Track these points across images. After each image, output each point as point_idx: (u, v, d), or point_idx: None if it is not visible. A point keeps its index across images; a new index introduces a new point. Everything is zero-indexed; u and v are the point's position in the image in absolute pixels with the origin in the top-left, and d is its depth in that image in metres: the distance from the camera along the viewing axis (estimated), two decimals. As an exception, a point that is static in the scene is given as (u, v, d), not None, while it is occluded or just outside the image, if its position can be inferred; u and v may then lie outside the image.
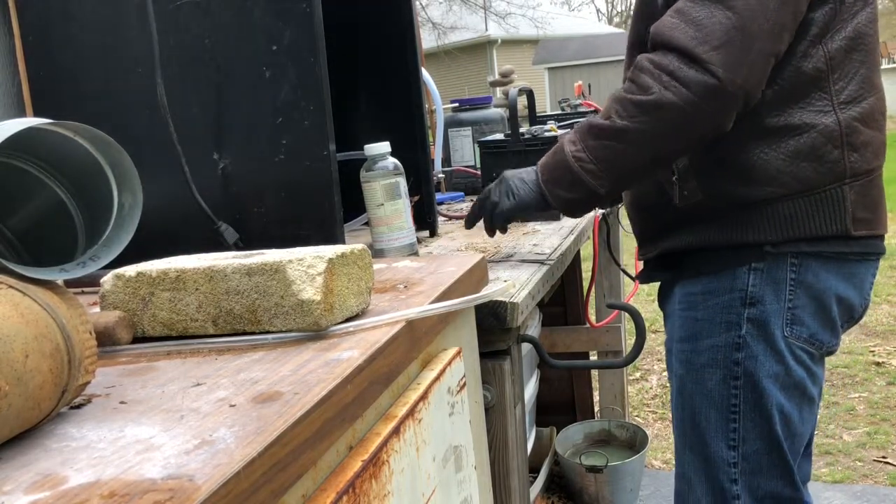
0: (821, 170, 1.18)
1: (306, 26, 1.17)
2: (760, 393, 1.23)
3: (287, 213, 1.22)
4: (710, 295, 1.26)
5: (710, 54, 1.07)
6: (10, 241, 0.80)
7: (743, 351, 1.23)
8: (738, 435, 1.25)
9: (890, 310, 4.19)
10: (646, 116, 1.11)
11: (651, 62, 1.11)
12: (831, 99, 1.18)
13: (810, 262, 1.21)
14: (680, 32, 1.09)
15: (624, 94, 1.13)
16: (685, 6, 1.10)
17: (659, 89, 1.09)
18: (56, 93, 1.31)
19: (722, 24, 1.07)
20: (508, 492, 1.15)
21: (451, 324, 0.96)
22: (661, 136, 1.13)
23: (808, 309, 1.22)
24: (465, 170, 2.35)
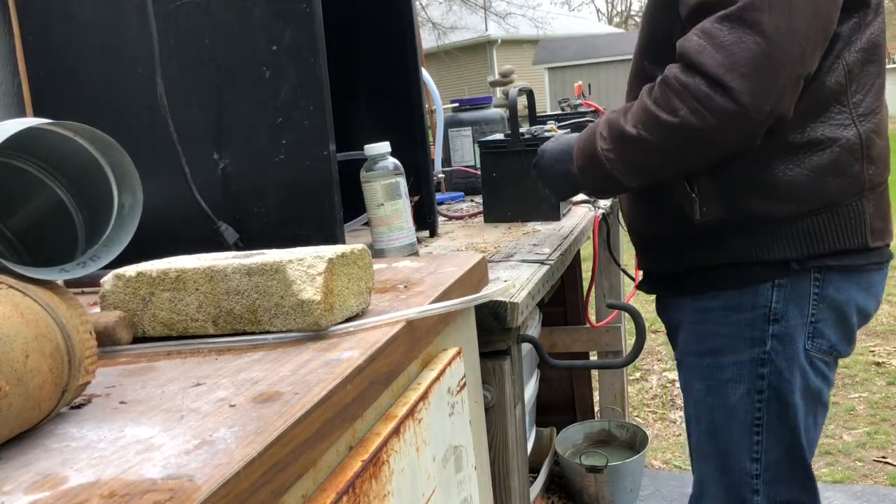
0: (843, 184, 1.18)
1: (306, 26, 1.17)
2: (785, 406, 1.23)
3: (287, 213, 1.22)
4: (732, 311, 1.25)
5: (738, 82, 1.05)
6: (10, 241, 0.80)
7: (767, 366, 1.23)
8: (761, 447, 1.25)
9: (890, 310, 4.19)
10: (671, 137, 1.12)
11: (679, 82, 1.10)
12: (850, 112, 1.18)
13: (832, 276, 1.21)
14: (708, 57, 1.07)
15: (652, 108, 1.13)
16: (713, 28, 1.08)
17: (685, 113, 1.09)
18: (56, 93, 1.31)
19: (751, 51, 1.05)
20: (508, 492, 1.15)
21: (451, 324, 0.96)
22: (685, 154, 1.15)
23: (829, 321, 1.22)
24: (465, 170, 2.35)
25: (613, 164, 1.19)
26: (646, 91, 1.17)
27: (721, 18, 1.07)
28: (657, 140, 1.13)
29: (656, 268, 1.37)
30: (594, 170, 1.23)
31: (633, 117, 1.16)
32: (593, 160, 1.22)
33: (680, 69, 1.11)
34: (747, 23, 1.06)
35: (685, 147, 1.13)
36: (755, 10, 1.05)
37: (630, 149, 1.17)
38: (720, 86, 1.06)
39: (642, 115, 1.15)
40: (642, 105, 1.15)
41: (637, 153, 1.17)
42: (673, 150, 1.14)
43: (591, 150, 1.22)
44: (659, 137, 1.13)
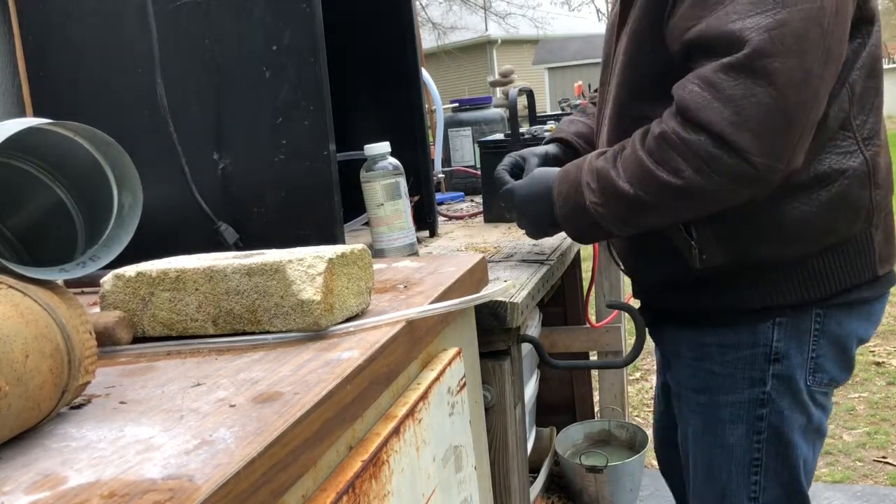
0: (852, 217, 1.11)
1: (306, 26, 1.17)
2: (785, 446, 1.19)
3: (287, 213, 1.22)
4: (730, 349, 1.19)
5: (749, 142, 0.95)
6: (10, 241, 0.80)
7: (767, 406, 1.18)
8: (760, 486, 1.21)
9: (890, 310, 4.19)
10: (672, 198, 1.03)
11: (680, 138, 0.99)
12: (855, 137, 1.10)
13: (834, 312, 1.15)
14: (713, 113, 0.96)
15: (650, 166, 1.03)
16: (717, 78, 0.96)
17: (690, 174, 0.99)
18: (56, 93, 1.31)
19: (762, 105, 0.94)
20: (508, 492, 1.15)
21: (451, 324, 0.96)
22: (686, 213, 1.07)
23: (829, 355, 1.17)
24: (465, 170, 2.35)
25: (603, 217, 1.10)
26: (639, 141, 1.06)
27: (726, 68, 0.96)
28: (656, 200, 1.04)
29: (651, 302, 1.30)
30: (580, 219, 1.14)
31: (627, 172, 1.06)
32: (579, 210, 1.13)
33: (680, 124, 1.00)
34: (756, 72, 0.94)
35: (687, 206, 1.04)
36: (765, 56, 0.94)
37: (623, 205, 1.07)
38: (729, 146, 0.96)
39: (638, 171, 1.04)
40: (637, 160, 1.05)
41: (632, 211, 1.08)
42: (672, 210, 1.06)
43: (578, 200, 1.12)
44: (658, 198, 1.04)
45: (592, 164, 1.12)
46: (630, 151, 1.07)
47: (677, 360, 1.29)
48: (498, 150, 1.75)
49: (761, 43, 0.94)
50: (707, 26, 0.99)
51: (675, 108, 1.01)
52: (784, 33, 0.94)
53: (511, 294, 1.12)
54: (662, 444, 1.56)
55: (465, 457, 0.92)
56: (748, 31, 0.95)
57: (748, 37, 0.95)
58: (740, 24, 0.96)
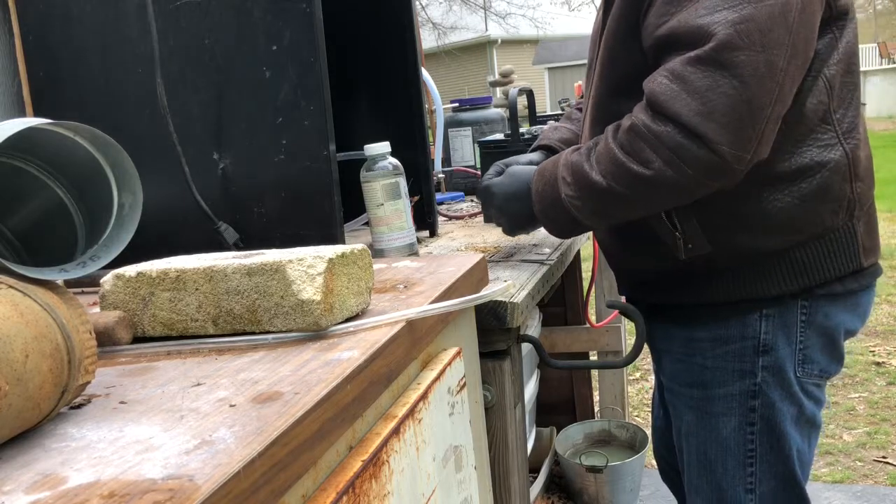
0: (834, 209, 1.13)
1: (306, 26, 1.17)
2: (778, 437, 1.20)
3: (287, 213, 1.22)
4: (720, 342, 1.21)
5: (716, 132, 0.98)
6: (10, 241, 0.80)
7: (759, 398, 1.19)
8: (755, 478, 1.22)
9: (890, 310, 4.19)
10: (643, 189, 1.05)
11: (649, 130, 1.02)
12: (835, 130, 1.12)
13: (820, 303, 1.17)
14: (681, 104, 0.99)
15: (621, 158, 1.05)
16: (684, 71, 0.99)
17: (659, 165, 1.02)
18: (56, 93, 1.31)
19: (728, 97, 0.97)
20: (508, 492, 1.15)
21: (451, 324, 0.96)
22: (658, 203, 1.09)
23: (817, 346, 1.19)
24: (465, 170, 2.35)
25: (580, 211, 1.12)
26: (611, 135, 1.09)
27: (693, 60, 0.99)
28: (628, 192, 1.06)
29: (642, 300, 1.31)
30: (557, 214, 1.16)
31: (599, 165, 1.08)
32: (556, 205, 1.15)
33: (650, 116, 1.02)
34: (723, 65, 0.97)
35: (658, 197, 1.07)
36: (730, 49, 0.97)
37: (597, 198, 1.10)
38: (697, 136, 0.98)
39: (610, 164, 1.07)
40: (609, 153, 1.07)
41: (606, 203, 1.10)
42: (645, 201, 1.08)
43: (554, 194, 1.14)
44: (630, 189, 1.06)
45: (567, 159, 1.14)
46: (603, 145, 1.09)
47: (669, 357, 1.31)
48: (498, 150, 1.76)
49: (727, 36, 0.97)
50: (677, 22, 1.02)
51: (644, 101, 1.04)
52: (750, 28, 0.97)
53: (511, 294, 1.12)
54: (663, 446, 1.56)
55: (465, 457, 0.92)
56: (715, 26, 0.98)
57: (715, 31, 0.98)
58: (708, 18, 0.99)
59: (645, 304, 1.28)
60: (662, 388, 1.45)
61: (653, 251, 1.20)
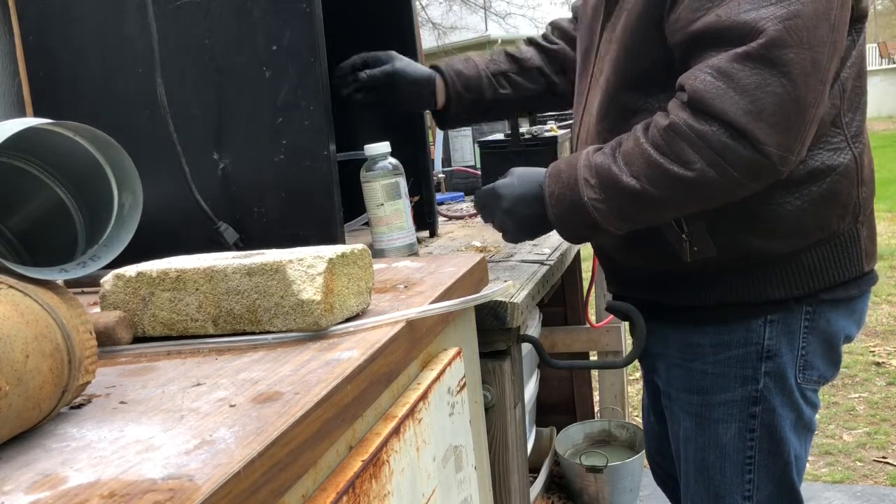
0: (841, 213, 1.12)
1: (306, 26, 1.17)
2: (777, 442, 1.19)
3: (287, 213, 1.22)
4: (722, 347, 1.18)
5: (765, 133, 0.94)
6: (10, 241, 0.80)
7: (760, 405, 1.18)
8: (753, 485, 1.21)
9: (890, 310, 4.19)
10: (682, 191, 1.01)
11: (692, 129, 0.98)
12: (845, 134, 1.11)
13: (823, 309, 1.16)
14: (729, 102, 0.95)
15: (658, 159, 1.01)
16: (731, 68, 0.95)
17: (702, 166, 0.98)
18: (56, 93, 1.31)
19: (776, 95, 0.94)
20: (508, 492, 1.15)
21: (451, 324, 0.96)
22: (693, 206, 1.06)
23: (817, 352, 1.18)
24: (465, 170, 2.35)
25: (604, 215, 1.07)
26: (642, 135, 1.04)
27: (741, 57, 0.95)
28: (665, 194, 1.02)
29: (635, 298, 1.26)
30: (577, 219, 1.10)
31: (631, 166, 1.03)
32: (577, 209, 1.09)
33: (692, 115, 0.98)
34: (772, 62, 0.94)
35: (695, 199, 1.03)
36: (781, 46, 0.93)
37: (628, 202, 1.05)
38: (744, 136, 0.95)
39: (645, 166, 1.02)
40: (643, 153, 1.02)
41: (637, 206, 1.05)
42: (680, 203, 1.05)
43: (574, 198, 1.09)
44: (668, 192, 1.02)
45: (590, 160, 1.09)
46: (632, 145, 1.04)
47: (665, 362, 1.28)
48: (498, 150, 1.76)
49: (777, 33, 0.94)
50: (718, 17, 0.98)
51: (685, 99, 0.99)
52: (798, 24, 0.94)
53: (511, 294, 1.12)
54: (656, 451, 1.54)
55: (465, 457, 0.92)
56: (763, 21, 0.94)
57: (764, 26, 0.94)
58: (754, 13, 0.95)
59: (639, 303, 1.25)
60: (653, 392, 1.45)
61: (654, 252, 1.18)
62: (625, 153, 1.05)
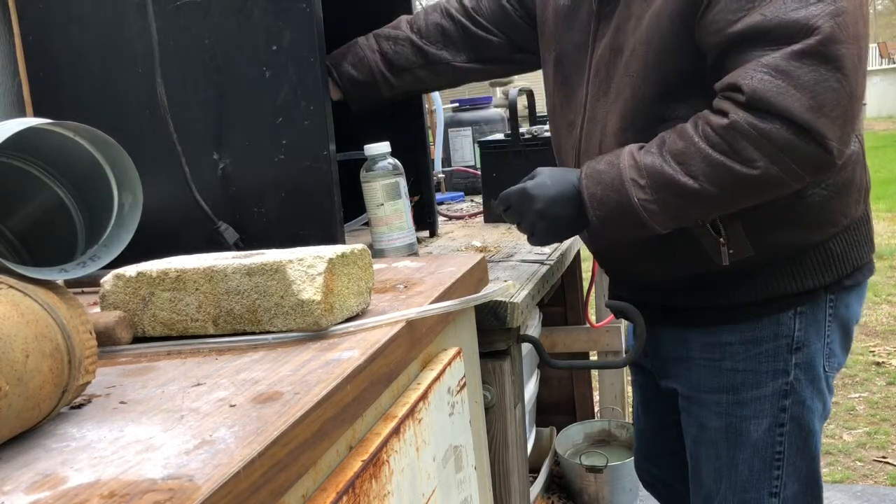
0: (857, 198, 1.15)
1: (306, 26, 1.17)
2: (806, 435, 1.20)
3: (287, 213, 1.22)
4: (753, 344, 1.18)
5: (828, 128, 0.96)
6: (10, 241, 0.80)
7: (790, 397, 1.18)
8: (781, 482, 1.21)
9: (890, 310, 4.19)
10: (744, 189, 1.02)
11: (754, 128, 0.97)
12: None
13: (842, 295, 1.18)
14: (792, 100, 0.95)
15: (718, 158, 1.00)
16: (788, 66, 0.96)
17: (765, 164, 0.98)
18: (56, 93, 1.31)
19: (834, 91, 0.95)
20: (508, 492, 1.15)
21: (451, 324, 0.96)
22: (751, 202, 1.06)
23: (838, 339, 1.20)
24: (465, 170, 2.35)
25: (654, 215, 1.06)
26: (694, 133, 1.02)
27: (798, 55, 0.96)
28: (724, 193, 1.02)
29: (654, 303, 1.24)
30: (624, 220, 1.08)
31: (687, 167, 1.02)
32: (625, 211, 1.07)
33: (752, 114, 0.98)
34: (828, 58, 0.95)
35: (755, 196, 1.04)
36: (836, 42, 0.95)
37: (683, 201, 1.04)
38: (808, 132, 0.96)
39: (704, 165, 1.01)
40: (700, 153, 1.01)
41: (692, 205, 1.05)
42: (739, 201, 1.05)
43: (622, 200, 1.06)
44: (728, 190, 1.02)
45: (637, 161, 1.06)
46: (685, 144, 1.03)
47: (686, 364, 1.25)
48: (498, 150, 1.75)
49: (831, 29, 0.96)
50: (763, 16, 0.99)
51: (743, 99, 0.99)
52: (847, 20, 0.97)
53: (511, 294, 1.12)
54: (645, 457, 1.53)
55: (465, 457, 0.92)
56: (815, 19, 0.96)
57: (817, 23, 0.96)
58: (804, 12, 0.97)
59: (659, 307, 1.24)
60: (649, 396, 1.43)
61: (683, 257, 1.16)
62: (676, 152, 1.04)
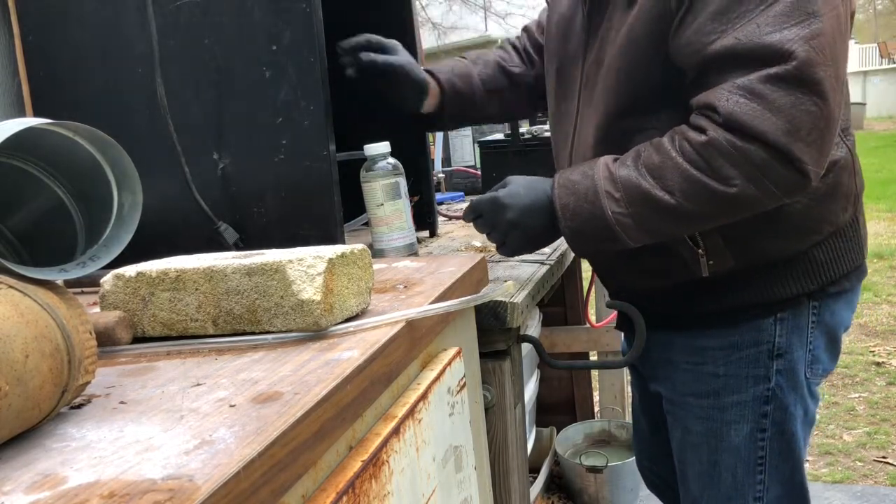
0: (844, 205, 1.14)
1: (306, 26, 1.17)
2: (788, 440, 1.19)
3: (287, 213, 1.22)
4: (733, 349, 1.18)
5: (803, 151, 0.96)
6: (10, 241, 0.80)
7: (772, 403, 1.18)
8: (764, 486, 1.21)
9: (890, 310, 4.19)
10: (719, 206, 1.01)
11: (733, 147, 0.97)
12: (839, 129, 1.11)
13: (828, 302, 1.17)
14: (768, 123, 0.95)
15: (696, 174, 1.00)
16: (764, 89, 0.96)
17: (742, 182, 0.98)
18: (56, 93, 1.31)
19: (811, 114, 0.95)
20: (508, 492, 1.15)
21: (451, 324, 0.96)
22: (726, 219, 1.06)
23: (822, 346, 1.19)
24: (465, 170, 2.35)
25: (626, 229, 1.06)
26: (671, 148, 1.02)
27: (774, 79, 0.95)
28: (700, 209, 1.02)
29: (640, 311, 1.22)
30: (596, 232, 1.08)
31: (663, 181, 1.02)
32: (597, 223, 1.07)
33: (731, 134, 0.98)
34: (804, 82, 0.95)
35: (730, 213, 1.03)
36: (812, 65, 0.95)
37: (657, 215, 1.04)
38: (784, 155, 0.96)
39: (681, 181, 1.01)
40: (677, 169, 1.01)
41: (666, 220, 1.04)
42: (715, 218, 1.04)
43: (595, 211, 1.06)
44: (704, 207, 1.01)
45: (613, 173, 1.06)
46: (661, 159, 1.03)
47: (670, 367, 1.26)
48: (498, 150, 1.76)
49: (807, 54, 0.95)
50: (737, 39, 0.98)
51: (720, 120, 0.99)
52: (823, 43, 0.96)
53: (511, 294, 1.12)
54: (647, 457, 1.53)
55: (465, 457, 0.92)
56: (790, 43, 0.95)
57: (792, 48, 0.95)
58: (778, 35, 0.96)
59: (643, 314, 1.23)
60: (645, 397, 1.43)
61: (664, 268, 1.17)
62: (652, 166, 1.04)
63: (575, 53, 1.24)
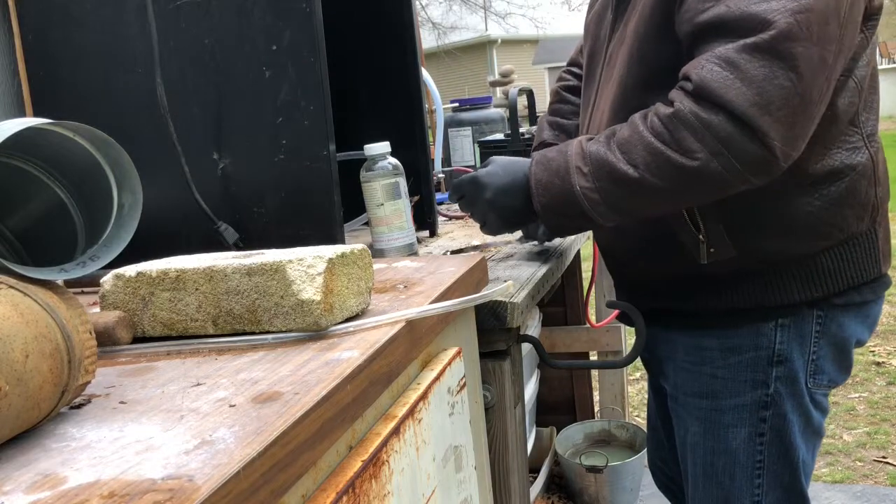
0: (860, 213, 1.11)
1: (306, 26, 1.17)
2: (787, 447, 1.18)
3: (287, 213, 1.22)
4: (732, 352, 1.17)
5: (771, 126, 0.93)
6: (10, 241, 0.80)
7: (770, 409, 1.16)
8: (762, 490, 1.20)
9: (890, 310, 4.19)
10: (683, 181, 0.99)
11: (697, 118, 0.96)
12: (861, 132, 1.10)
13: (835, 314, 1.15)
14: (736, 93, 0.93)
15: (659, 147, 0.98)
16: (739, 59, 0.94)
17: (705, 156, 0.96)
18: (56, 93, 1.31)
19: (783, 89, 0.92)
20: (508, 492, 1.15)
21: (451, 324, 0.96)
22: (690, 198, 1.04)
23: (828, 357, 1.17)
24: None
25: (595, 204, 1.04)
26: (640, 122, 1.02)
27: (749, 48, 0.93)
28: (663, 184, 0.99)
29: (643, 305, 1.22)
30: (566, 208, 1.07)
31: (628, 154, 1.01)
32: (566, 198, 1.06)
33: (697, 103, 0.96)
34: (780, 55, 0.92)
35: (694, 191, 1.01)
36: (790, 40, 0.92)
37: (624, 191, 1.02)
38: (749, 127, 0.93)
39: (645, 153, 0.99)
40: (642, 141, 1.00)
41: (632, 196, 1.03)
42: (678, 195, 1.02)
43: (565, 186, 1.06)
44: (667, 182, 0.99)
45: (584, 149, 1.06)
46: (630, 133, 1.02)
47: (672, 365, 1.26)
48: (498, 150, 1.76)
49: (787, 26, 0.93)
50: (727, 7, 0.97)
51: (690, 88, 0.97)
52: (809, 19, 0.93)
53: (511, 294, 1.12)
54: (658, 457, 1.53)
55: (465, 457, 0.92)
56: (773, 13, 0.94)
57: (774, 18, 0.93)
58: (765, 6, 0.94)
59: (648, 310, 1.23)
60: (658, 395, 1.43)
61: (667, 255, 1.16)
62: (621, 141, 1.03)
63: (603, 36, 1.25)
